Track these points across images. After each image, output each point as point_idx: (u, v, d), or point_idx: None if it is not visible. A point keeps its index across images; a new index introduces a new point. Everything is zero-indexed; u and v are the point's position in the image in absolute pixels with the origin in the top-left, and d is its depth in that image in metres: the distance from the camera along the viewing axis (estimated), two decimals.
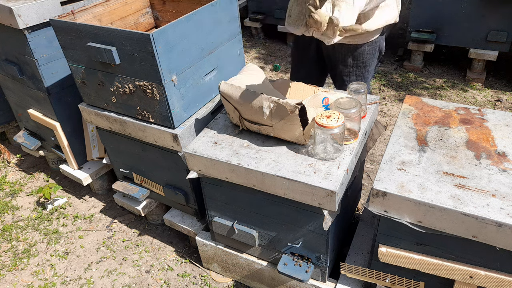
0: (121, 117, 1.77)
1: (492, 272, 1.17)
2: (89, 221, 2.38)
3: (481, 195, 1.15)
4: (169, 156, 1.77)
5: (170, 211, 2.09)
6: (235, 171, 1.44)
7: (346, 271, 1.47)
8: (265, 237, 1.63)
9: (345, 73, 1.89)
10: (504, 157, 1.28)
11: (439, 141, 1.39)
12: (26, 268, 2.11)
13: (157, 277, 2.00)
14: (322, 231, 1.42)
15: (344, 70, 1.88)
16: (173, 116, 1.61)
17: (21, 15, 1.84)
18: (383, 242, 1.32)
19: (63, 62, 2.05)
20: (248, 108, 1.45)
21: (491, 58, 3.27)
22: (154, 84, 1.54)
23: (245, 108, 1.47)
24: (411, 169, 1.27)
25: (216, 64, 1.77)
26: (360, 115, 1.45)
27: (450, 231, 1.16)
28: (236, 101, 1.47)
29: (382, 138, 2.82)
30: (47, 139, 2.48)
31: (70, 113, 2.23)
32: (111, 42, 1.53)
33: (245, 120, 1.52)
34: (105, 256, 2.14)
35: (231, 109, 1.54)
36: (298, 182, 1.32)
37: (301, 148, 1.46)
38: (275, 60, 4.12)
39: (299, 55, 2.05)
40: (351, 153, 1.41)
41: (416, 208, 1.17)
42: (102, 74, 1.68)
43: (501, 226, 1.07)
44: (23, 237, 2.30)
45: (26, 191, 2.65)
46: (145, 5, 2.12)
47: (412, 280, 1.36)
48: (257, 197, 1.49)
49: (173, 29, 1.48)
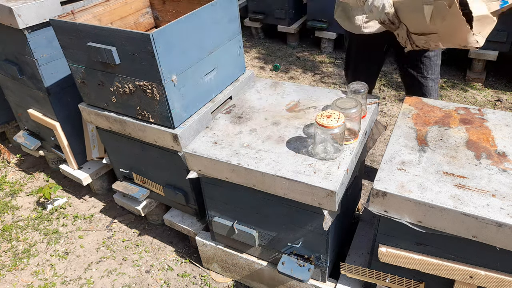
0: (121, 117, 1.77)
1: (492, 272, 1.17)
2: (89, 221, 2.38)
3: (481, 195, 1.15)
4: (169, 156, 1.77)
5: (170, 211, 2.09)
6: (235, 171, 1.44)
7: (346, 271, 1.47)
8: (265, 237, 1.63)
9: (425, 62, 1.88)
10: (504, 157, 1.28)
11: (439, 141, 1.39)
12: (26, 268, 2.11)
13: (157, 277, 2.00)
14: (322, 231, 1.42)
15: (425, 61, 1.88)
16: (173, 116, 1.61)
17: (21, 15, 1.84)
18: (383, 242, 1.32)
19: (63, 62, 2.05)
20: (411, 18, 1.39)
21: (491, 58, 3.27)
22: (154, 84, 1.54)
23: (409, 19, 1.41)
24: (411, 169, 1.27)
25: (216, 64, 1.77)
26: (360, 115, 1.45)
27: (450, 231, 1.16)
28: (400, 12, 1.42)
29: (382, 138, 2.82)
30: (47, 139, 2.47)
31: (70, 113, 2.23)
32: (111, 42, 1.53)
33: (412, 34, 1.47)
34: (105, 256, 2.14)
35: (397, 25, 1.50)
36: (298, 182, 1.31)
37: (301, 148, 1.46)
38: (275, 60, 4.12)
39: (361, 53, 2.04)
40: (351, 153, 1.41)
41: (416, 208, 1.17)
42: (102, 74, 1.68)
43: (501, 226, 1.07)
44: (23, 237, 2.29)
45: (26, 191, 2.65)
46: (145, 5, 2.12)
47: (412, 280, 1.36)
48: (257, 197, 1.49)
49: (173, 29, 1.48)
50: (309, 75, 3.80)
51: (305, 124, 1.59)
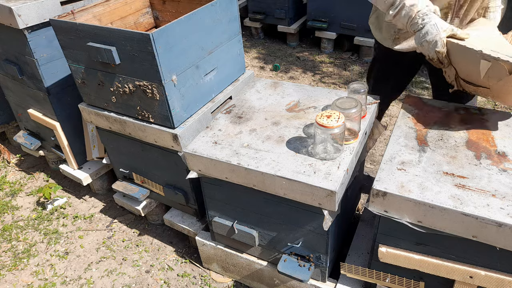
0: (121, 117, 1.77)
1: (492, 272, 1.17)
2: (89, 221, 2.38)
3: (481, 195, 1.15)
4: (169, 156, 1.77)
5: (170, 211, 2.09)
6: (235, 171, 1.44)
7: (346, 271, 1.47)
8: (265, 237, 1.63)
9: None
10: (504, 157, 1.28)
11: (439, 141, 1.39)
12: (26, 268, 2.11)
13: (157, 277, 2.00)
14: (322, 231, 1.42)
15: None
16: (173, 116, 1.61)
17: (21, 15, 1.84)
18: (383, 242, 1.32)
19: (63, 62, 2.05)
20: (464, 65, 1.31)
21: None
22: (154, 84, 1.54)
23: (461, 65, 1.33)
24: (411, 169, 1.27)
25: (216, 64, 1.77)
26: (360, 115, 1.45)
27: (450, 231, 1.16)
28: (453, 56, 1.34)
29: (382, 138, 2.82)
30: (47, 139, 2.47)
31: (70, 113, 2.23)
32: (111, 42, 1.53)
33: (460, 79, 1.40)
34: (105, 256, 2.14)
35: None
36: (298, 182, 1.31)
37: (301, 148, 1.46)
38: (275, 60, 4.12)
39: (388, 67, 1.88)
40: (351, 153, 1.41)
41: (416, 208, 1.17)
42: (102, 74, 1.68)
43: (501, 226, 1.07)
44: (23, 237, 2.29)
45: (26, 191, 2.65)
46: (145, 5, 2.12)
47: (412, 280, 1.36)
48: (257, 197, 1.49)
49: (173, 29, 1.48)
50: (309, 75, 3.80)
51: (305, 124, 1.59)
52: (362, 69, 3.82)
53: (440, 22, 1.34)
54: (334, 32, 4.02)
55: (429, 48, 1.36)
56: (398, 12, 1.39)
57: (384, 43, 1.73)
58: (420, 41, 1.38)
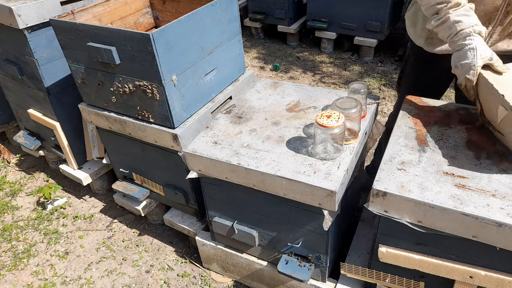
0: (121, 117, 1.77)
1: (492, 272, 1.17)
2: (89, 221, 2.38)
3: (481, 195, 1.15)
4: (169, 156, 1.77)
5: (170, 211, 2.09)
6: (235, 171, 1.44)
7: (346, 271, 1.47)
8: (265, 237, 1.63)
9: None
10: (504, 157, 1.28)
11: (439, 141, 1.39)
12: (26, 268, 2.11)
13: (157, 277, 2.00)
14: (322, 231, 1.42)
15: None
16: (173, 116, 1.61)
17: (21, 15, 1.84)
18: (383, 242, 1.32)
19: (63, 62, 2.05)
20: (487, 103, 1.26)
21: None
22: (154, 84, 1.54)
23: (485, 102, 1.28)
24: (411, 169, 1.27)
25: (216, 64, 1.77)
26: (360, 115, 1.45)
27: (450, 231, 1.16)
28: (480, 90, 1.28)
29: None
30: (47, 139, 2.47)
31: (70, 113, 2.23)
32: (111, 42, 1.53)
33: (484, 117, 1.35)
34: (105, 256, 2.14)
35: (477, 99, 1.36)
36: (298, 182, 1.31)
37: (301, 148, 1.46)
38: (275, 60, 4.12)
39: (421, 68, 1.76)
40: (351, 153, 1.41)
41: (416, 208, 1.17)
42: (102, 74, 1.68)
43: (501, 226, 1.07)
44: (23, 237, 2.29)
45: (26, 191, 2.65)
46: (145, 5, 2.12)
47: (412, 280, 1.36)
48: (257, 197, 1.49)
49: (173, 29, 1.48)
50: (309, 75, 3.80)
51: (305, 124, 1.59)
52: (362, 69, 3.82)
53: (481, 47, 1.25)
54: (334, 32, 4.02)
55: (461, 72, 1.29)
56: (441, 24, 1.32)
57: (416, 41, 1.63)
58: (455, 63, 1.31)
